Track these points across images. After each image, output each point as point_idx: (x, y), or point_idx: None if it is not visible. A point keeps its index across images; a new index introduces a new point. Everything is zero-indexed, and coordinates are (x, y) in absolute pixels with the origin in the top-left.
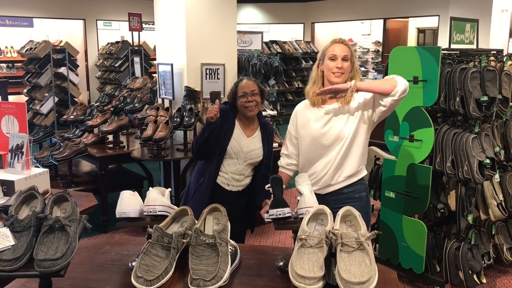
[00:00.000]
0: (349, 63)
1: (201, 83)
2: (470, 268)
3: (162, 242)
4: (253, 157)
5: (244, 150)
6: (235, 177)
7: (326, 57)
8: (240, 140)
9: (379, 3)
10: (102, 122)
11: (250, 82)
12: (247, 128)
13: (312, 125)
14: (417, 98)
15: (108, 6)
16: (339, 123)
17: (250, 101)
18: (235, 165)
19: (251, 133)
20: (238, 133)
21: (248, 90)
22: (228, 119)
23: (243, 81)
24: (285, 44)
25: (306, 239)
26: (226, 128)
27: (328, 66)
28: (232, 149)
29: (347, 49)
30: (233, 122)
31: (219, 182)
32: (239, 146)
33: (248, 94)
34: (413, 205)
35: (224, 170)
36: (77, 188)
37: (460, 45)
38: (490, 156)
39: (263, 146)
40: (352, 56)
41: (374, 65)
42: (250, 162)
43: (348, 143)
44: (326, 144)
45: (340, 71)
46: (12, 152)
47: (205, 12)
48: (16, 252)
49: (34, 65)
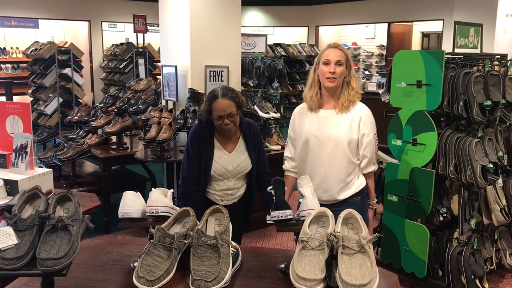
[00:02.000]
0: (343, 67)
1: (205, 85)
2: (472, 273)
3: (164, 243)
4: (242, 170)
5: (230, 169)
6: (228, 192)
7: (320, 62)
8: (222, 160)
9: (384, 7)
10: (106, 123)
11: (225, 101)
12: (227, 142)
13: (307, 128)
14: (421, 102)
15: (113, 7)
16: (334, 127)
17: (227, 124)
18: (224, 184)
19: (233, 146)
20: (218, 153)
21: (223, 113)
22: (204, 142)
23: (217, 101)
24: (289, 47)
25: (307, 241)
26: (205, 151)
27: (322, 71)
28: (217, 173)
29: (341, 53)
30: (211, 143)
31: (212, 199)
32: (223, 168)
33: (224, 117)
34: (416, 209)
35: (214, 189)
36: (80, 189)
37: (464, 49)
38: (493, 160)
39: (249, 154)
40: (347, 61)
41: (378, 68)
42: (242, 175)
43: (341, 146)
44: (319, 146)
45: (333, 76)
46: (16, 152)
47: (210, 14)
48: (19, 251)
49: (39, 66)
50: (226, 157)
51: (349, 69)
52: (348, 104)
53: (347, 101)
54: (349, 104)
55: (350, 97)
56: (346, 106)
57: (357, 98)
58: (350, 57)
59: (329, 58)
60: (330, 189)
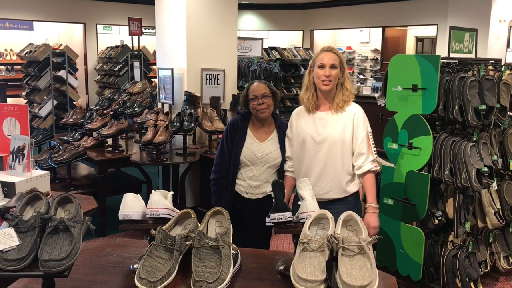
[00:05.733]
0: (337, 70)
1: (201, 88)
2: (467, 275)
3: (165, 244)
4: (271, 160)
5: (259, 155)
6: (252, 184)
7: (315, 65)
8: (252, 147)
9: (378, 11)
10: (102, 126)
11: (261, 84)
12: (261, 132)
13: (304, 128)
14: (416, 106)
15: (108, 10)
16: (329, 128)
17: (261, 104)
18: (251, 171)
19: (266, 137)
20: (250, 141)
21: (258, 93)
22: (238, 131)
23: (254, 84)
24: (284, 50)
25: (308, 243)
26: (238, 139)
27: (317, 74)
28: (246, 157)
29: (335, 57)
30: (244, 132)
31: (237, 190)
32: (252, 153)
33: (259, 97)
34: (411, 213)
35: (242, 177)
36: (75, 191)
37: (459, 54)
38: (488, 164)
39: (280, 147)
40: (341, 63)
41: (373, 73)
42: (270, 166)
43: (336, 146)
44: (315, 147)
45: (328, 79)
46: (13, 154)
47: (206, 18)
48: (21, 252)
49: (33, 68)
50: (257, 145)
51: (343, 71)
52: (343, 104)
53: (342, 101)
54: (344, 104)
55: (344, 98)
56: (341, 106)
57: (351, 98)
58: (344, 59)
59: (323, 62)
60: (324, 187)
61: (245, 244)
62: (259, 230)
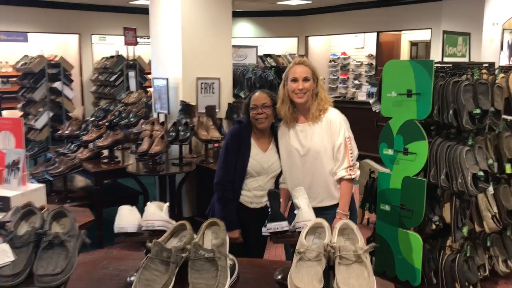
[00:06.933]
0: (311, 82)
1: (196, 97)
2: (466, 280)
3: (161, 257)
4: (275, 169)
5: (265, 166)
6: (257, 193)
7: (288, 79)
8: (258, 158)
9: (372, 16)
10: (97, 137)
11: (262, 94)
12: (262, 142)
13: (289, 142)
14: (411, 111)
15: (103, 20)
16: (308, 139)
17: (260, 114)
18: (257, 182)
19: (267, 146)
20: (255, 151)
21: (258, 103)
22: (243, 140)
23: (255, 94)
24: (279, 57)
25: (304, 252)
26: (243, 149)
27: (291, 88)
28: (253, 169)
29: (307, 69)
30: (248, 141)
31: (242, 201)
32: (259, 164)
33: (259, 107)
34: (408, 218)
35: (247, 188)
36: (72, 204)
37: (453, 58)
38: (483, 168)
39: (279, 156)
40: (313, 75)
41: (368, 78)
42: (274, 175)
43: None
44: (300, 159)
45: (302, 92)
46: (8, 168)
47: (201, 26)
48: (16, 268)
49: (28, 80)
50: (262, 155)
51: (316, 81)
52: (319, 113)
53: (318, 111)
54: (320, 113)
55: (320, 107)
56: (317, 116)
57: (328, 105)
58: (316, 70)
59: (296, 75)
60: (316, 197)
61: (245, 252)
62: (260, 238)
